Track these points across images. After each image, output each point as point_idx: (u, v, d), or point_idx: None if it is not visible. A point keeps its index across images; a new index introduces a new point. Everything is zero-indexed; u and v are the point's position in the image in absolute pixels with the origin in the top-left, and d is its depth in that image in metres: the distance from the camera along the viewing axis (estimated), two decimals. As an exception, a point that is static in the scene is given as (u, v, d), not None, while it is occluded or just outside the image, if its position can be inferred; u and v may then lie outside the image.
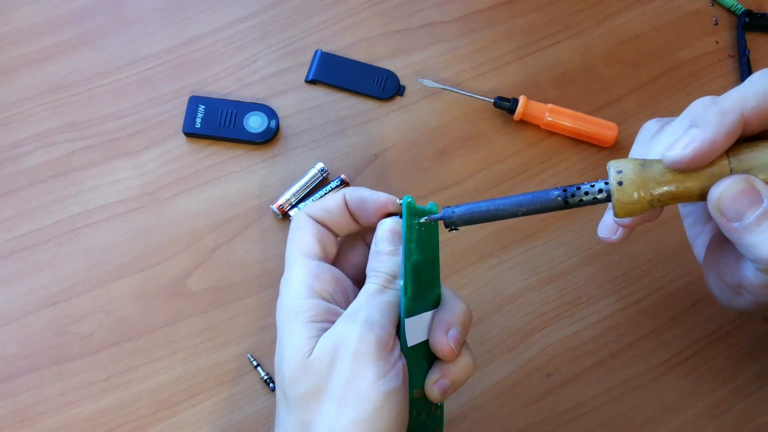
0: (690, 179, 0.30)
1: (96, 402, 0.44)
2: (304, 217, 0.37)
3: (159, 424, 0.44)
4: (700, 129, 0.30)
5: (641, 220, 0.33)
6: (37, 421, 0.43)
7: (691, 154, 0.30)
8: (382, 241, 0.35)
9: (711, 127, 0.30)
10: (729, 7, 0.58)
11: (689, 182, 0.30)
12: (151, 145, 0.50)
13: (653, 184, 0.31)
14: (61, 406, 0.44)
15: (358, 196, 0.36)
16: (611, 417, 0.45)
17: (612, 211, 0.32)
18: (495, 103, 0.52)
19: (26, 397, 0.44)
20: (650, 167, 0.31)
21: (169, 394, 0.44)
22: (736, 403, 0.46)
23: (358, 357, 0.31)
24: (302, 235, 0.36)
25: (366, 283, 0.35)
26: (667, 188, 0.31)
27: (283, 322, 0.34)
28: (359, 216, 0.37)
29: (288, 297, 0.34)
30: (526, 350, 0.47)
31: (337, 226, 0.37)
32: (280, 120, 0.51)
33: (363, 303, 0.33)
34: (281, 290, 0.35)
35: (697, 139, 0.30)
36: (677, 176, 0.30)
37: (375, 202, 0.36)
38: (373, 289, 0.34)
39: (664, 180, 0.31)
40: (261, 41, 0.54)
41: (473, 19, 0.56)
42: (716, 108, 0.30)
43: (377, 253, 0.35)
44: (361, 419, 0.31)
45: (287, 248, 0.36)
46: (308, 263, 0.35)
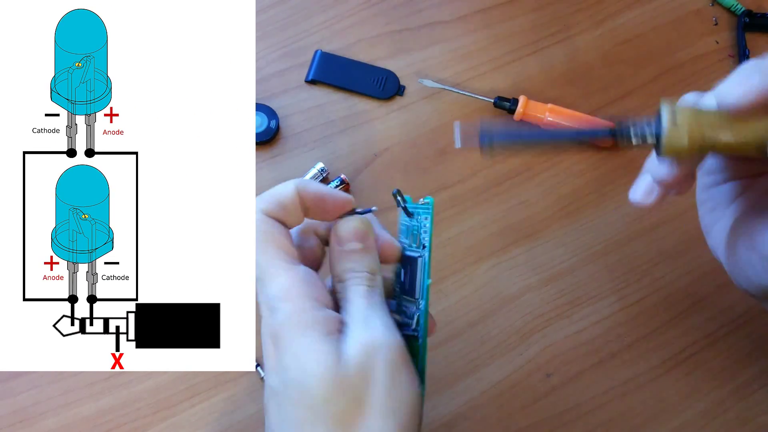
0: (748, 128, 0.30)
1: (96, 402, 0.44)
2: (266, 219, 0.34)
3: (159, 424, 0.44)
4: (764, 74, 0.29)
5: (682, 176, 0.32)
6: (37, 421, 0.43)
7: (756, 97, 0.29)
8: (349, 240, 0.34)
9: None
10: (729, 7, 0.58)
11: (746, 132, 0.30)
12: (151, 145, 0.50)
13: (708, 129, 0.30)
14: (61, 406, 0.44)
15: (316, 192, 0.34)
16: (611, 417, 0.45)
17: (655, 158, 0.31)
18: (495, 103, 0.52)
19: (26, 397, 0.44)
20: (707, 112, 0.30)
21: (169, 394, 0.44)
22: (736, 403, 0.46)
23: (394, 364, 0.31)
24: (276, 238, 0.33)
25: (351, 285, 0.34)
26: (722, 133, 0.30)
27: (291, 339, 0.32)
28: (312, 212, 0.35)
29: (293, 311, 0.32)
30: (526, 350, 0.47)
31: (288, 222, 0.35)
32: (280, 120, 0.51)
33: (367, 307, 0.33)
34: (275, 304, 0.32)
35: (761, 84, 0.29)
36: (735, 123, 0.30)
37: (335, 201, 0.35)
38: (365, 292, 0.33)
39: (720, 125, 0.30)
40: (261, 41, 0.54)
41: (473, 19, 0.56)
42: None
43: (348, 253, 0.34)
44: (404, 425, 0.31)
45: (260, 255, 0.33)
46: (296, 270, 0.33)
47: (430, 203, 0.35)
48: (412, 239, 0.35)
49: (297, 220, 0.35)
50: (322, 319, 0.32)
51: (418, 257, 0.34)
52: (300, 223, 0.35)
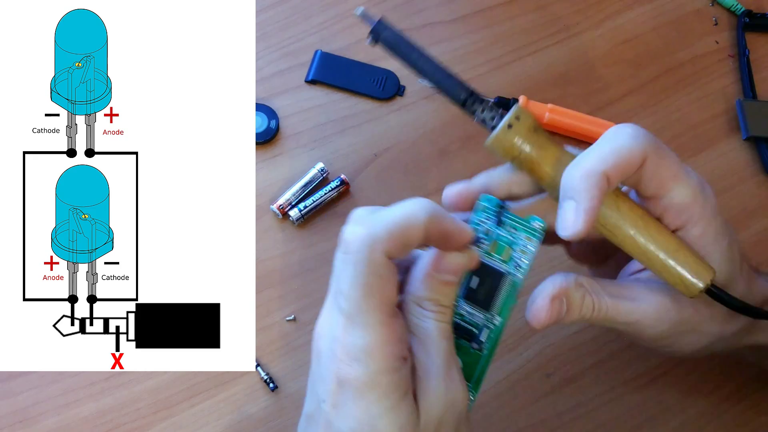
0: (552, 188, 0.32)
1: (96, 402, 0.44)
2: (385, 261, 0.29)
3: (159, 424, 0.44)
4: (577, 201, 0.30)
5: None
6: (37, 421, 0.43)
7: (584, 227, 0.30)
8: (450, 273, 0.31)
9: (584, 195, 0.30)
10: (729, 7, 0.58)
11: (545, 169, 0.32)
12: (151, 145, 0.50)
13: (531, 148, 0.32)
14: (61, 406, 0.44)
15: (443, 230, 0.30)
16: (611, 417, 0.45)
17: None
18: (495, 103, 0.52)
19: (26, 397, 0.44)
20: (544, 138, 0.32)
21: (169, 394, 0.44)
22: (736, 403, 0.46)
23: (463, 418, 0.31)
24: (385, 286, 0.29)
25: (433, 319, 0.31)
26: (533, 158, 0.32)
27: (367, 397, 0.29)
28: (429, 242, 0.31)
29: (378, 371, 0.29)
30: (526, 350, 0.47)
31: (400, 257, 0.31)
32: (280, 120, 0.51)
33: (449, 354, 0.31)
34: (361, 356, 0.29)
35: (581, 213, 0.30)
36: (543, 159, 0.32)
37: (460, 237, 0.31)
38: (447, 332, 0.31)
39: (538, 155, 0.32)
40: (261, 41, 0.54)
41: (473, 19, 0.56)
42: (580, 173, 0.31)
43: (443, 283, 0.31)
44: None
45: (365, 299, 0.29)
46: (394, 326, 0.30)
47: (539, 230, 0.33)
48: (495, 249, 0.33)
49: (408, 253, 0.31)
50: (405, 381, 0.30)
51: (506, 274, 0.33)
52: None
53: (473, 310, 0.33)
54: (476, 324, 0.33)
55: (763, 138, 0.53)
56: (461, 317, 0.33)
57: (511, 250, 0.33)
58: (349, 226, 0.30)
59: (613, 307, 0.33)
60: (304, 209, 0.48)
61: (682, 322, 0.34)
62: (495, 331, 0.33)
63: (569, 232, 0.31)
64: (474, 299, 0.33)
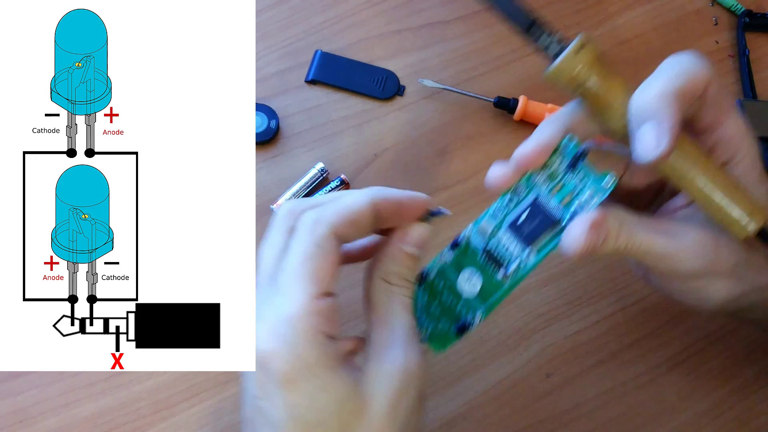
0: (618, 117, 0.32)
1: (96, 402, 0.44)
2: (329, 237, 0.29)
3: (159, 424, 0.44)
4: (658, 120, 0.30)
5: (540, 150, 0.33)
6: (37, 421, 0.43)
7: (668, 147, 0.30)
8: (415, 245, 0.32)
9: (664, 113, 0.30)
10: (729, 7, 0.58)
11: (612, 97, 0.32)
12: (151, 145, 0.50)
13: (597, 74, 0.31)
14: (61, 406, 0.44)
15: (393, 200, 0.31)
16: (611, 417, 0.45)
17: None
18: (495, 103, 0.52)
19: (26, 397, 0.44)
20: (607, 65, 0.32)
21: (169, 394, 0.44)
22: (736, 403, 0.46)
23: (422, 396, 0.31)
24: (324, 260, 0.29)
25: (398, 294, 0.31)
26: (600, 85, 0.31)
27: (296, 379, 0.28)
28: (384, 221, 0.32)
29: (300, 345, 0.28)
30: (526, 350, 0.47)
31: (352, 239, 0.31)
32: (280, 120, 0.51)
33: (410, 328, 0.31)
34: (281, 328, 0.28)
35: (664, 132, 0.30)
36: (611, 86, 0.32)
37: (413, 205, 0.32)
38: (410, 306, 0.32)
39: (605, 82, 0.31)
40: (261, 41, 0.54)
41: (473, 19, 0.56)
42: (654, 93, 0.30)
43: (408, 256, 0.32)
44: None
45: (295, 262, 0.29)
46: (323, 303, 0.29)
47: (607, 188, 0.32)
48: (559, 191, 0.32)
49: (363, 234, 0.32)
50: (333, 358, 0.29)
51: (557, 220, 0.32)
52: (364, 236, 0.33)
53: (511, 241, 0.33)
54: (509, 255, 0.33)
55: (763, 138, 0.53)
56: (498, 243, 0.33)
57: (572, 198, 0.32)
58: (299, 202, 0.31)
59: (648, 240, 0.33)
60: (304, 209, 0.48)
61: (718, 262, 0.33)
62: (524, 268, 0.33)
63: (654, 154, 0.30)
64: (517, 231, 0.33)
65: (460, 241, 0.34)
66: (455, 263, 0.34)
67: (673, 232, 0.33)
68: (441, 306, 0.34)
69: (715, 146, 0.33)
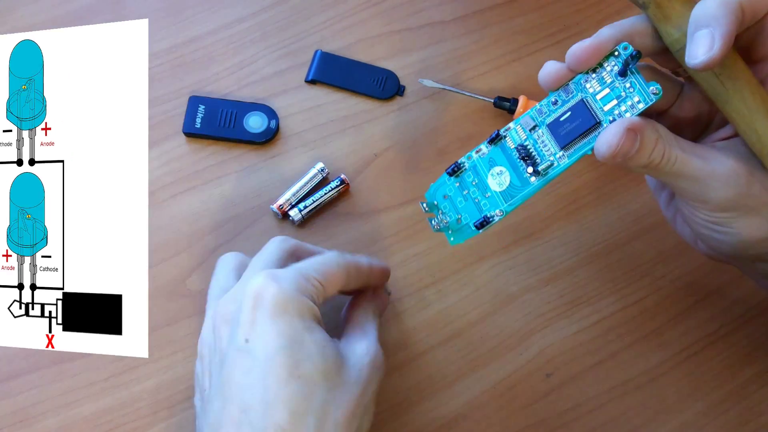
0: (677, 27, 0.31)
1: (96, 402, 0.44)
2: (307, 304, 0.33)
3: (159, 424, 0.44)
4: (713, 26, 0.30)
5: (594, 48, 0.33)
6: (37, 421, 0.43)
7: (720, 52, 0.29)
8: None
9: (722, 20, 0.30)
10: (729, 7, 0.58)
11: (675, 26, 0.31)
12: (151, 145, 0.50)
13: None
14: (61, 406, 0.44)
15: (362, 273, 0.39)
16: (611, 417, 0.45)
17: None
18: (495, 103, 0.52)
19: (26, 397, 0.44)
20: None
21: (169, 394, 0.44)
22: (736, 403, 0.46)
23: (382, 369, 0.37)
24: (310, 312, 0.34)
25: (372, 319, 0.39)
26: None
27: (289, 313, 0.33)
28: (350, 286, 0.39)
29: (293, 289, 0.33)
30: (526, 350, 0.47)
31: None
32: (280, 120, 0.51)
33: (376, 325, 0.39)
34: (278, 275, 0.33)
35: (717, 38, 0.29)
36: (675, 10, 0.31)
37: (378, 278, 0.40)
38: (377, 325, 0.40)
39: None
40: (261, 41, 0.54)
41: (473, 19, 0.56)
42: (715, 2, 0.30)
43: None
44: None
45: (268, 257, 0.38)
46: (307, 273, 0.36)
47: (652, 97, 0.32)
48: (605, 96, 0.32)
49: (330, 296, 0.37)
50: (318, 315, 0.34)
51: (598, 122, 0.32)
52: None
53: (549, 139, 0.33)
54: (543, 154, 0.33)
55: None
56: (536, 140, 0.33)
57: (618, 103, 0.32)
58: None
59: (683, 160, 0.32)
60: (304, 209, 0.48)
61: (750, 195, 0.32)
62: (556, 169, 0.32)
63: (704, 58, 0.30)
64: (557, 130, 0.33)
65: (501, 134, 0.34)
66: (490, 158, 0.34)
67: (710, 158, 0.32)
68: (467, 198, 0.34)
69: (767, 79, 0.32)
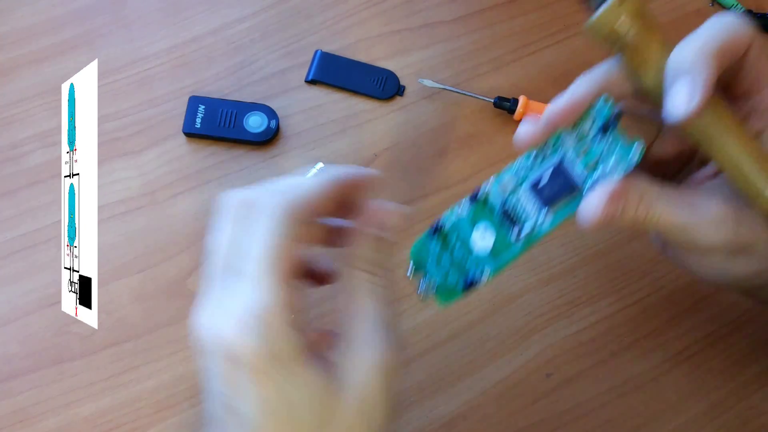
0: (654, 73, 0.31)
1: (96, 402, 0.44)
2: (293, 221, 0.27)
3: (159, 424, 0.44)
4: (692, 75, 0.29)
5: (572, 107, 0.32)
6: (37, 421, 0.43)
7: (700, 103, 0.29)
8: (387, 228, 0.30)
9: (700, 68, 0.29)
10: (729, 8, 0.58)
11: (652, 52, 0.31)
12: (152, 145, 0.50)
13: (639, 28, 0.30)
14: (61, 406, 0.44)
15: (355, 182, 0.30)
16: (611, 417, 0.45)
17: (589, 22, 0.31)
18: (495, 103, 0.52)
19: (26, 397, 0.44)
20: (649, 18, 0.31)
21: (169, 394, 0.44)
22: (736, 403, 0.46)
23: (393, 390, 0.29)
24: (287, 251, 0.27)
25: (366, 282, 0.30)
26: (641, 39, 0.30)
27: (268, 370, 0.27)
28: (346, 201, 0.31)
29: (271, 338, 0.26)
30: (526, 350, 0.47)
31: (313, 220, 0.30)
32: (280, 120, 0.51)
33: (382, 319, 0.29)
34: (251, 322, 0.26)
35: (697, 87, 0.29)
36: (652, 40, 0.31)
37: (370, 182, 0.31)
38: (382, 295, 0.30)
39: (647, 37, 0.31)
40: (261, 41, 0.54)
41: (473, 19, 0.56)
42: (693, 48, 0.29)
43: (381, 242, 0.30)
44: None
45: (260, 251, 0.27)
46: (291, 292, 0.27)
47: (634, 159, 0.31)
48: (585, 154, 0.32)
49: (326, 216, 0.31)
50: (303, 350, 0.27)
51: (578, 186, 0.32)
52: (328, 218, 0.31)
53: (530, 201, 0.32)
54: (526, 215, 0.32)
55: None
56: (517, 201, 0.32)
57: (597, 164, 0.31)
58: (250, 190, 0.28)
59: (668, 212, 0.32)
60: (304, 209, 0.48)
61: (737, 238, 0.32)
62: (539, 230, 0.32)
63: (685, 110, 0.29)
64: (537, 191, 0.32)
65: (479, 195, 0.33)
66: (471, 217, 0.33)
67: (695, 205, 0.32)
68: (452, 259, 0.33)
69: (750, 113, 0.32)
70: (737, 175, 0.31)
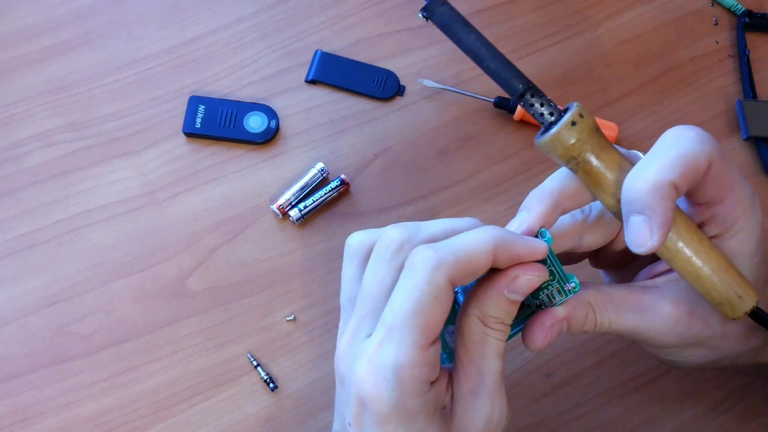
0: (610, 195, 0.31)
1: (96, 402, 0.44)
2: (446, 286, 0.28)
3: (159, 424, 0.44)
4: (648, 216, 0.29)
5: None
6: (37, 421, 0.43)
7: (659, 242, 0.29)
8: (520, 294, 0.30)
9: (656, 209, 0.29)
10: (729, 7, 0.58)
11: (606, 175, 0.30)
12: (152, 145, 0.50)
13: (592, 149, 0.30)
14: (61, 406, 0.44)
15: (513, 255, 0.30)
16: (611, 417, 0.45)
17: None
18: (495, 103, 0.52)
19: (26, 397, 0.44)
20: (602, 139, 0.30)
21: (169, 394, 0.44)
22: (736, 403, 0.46)
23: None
24: (437, 310, 0.28)
25: (493, 338, 0.30)
26: (594, 161, 0.30)
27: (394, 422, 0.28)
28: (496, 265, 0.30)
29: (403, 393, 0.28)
30: (526, 350, 0.46)
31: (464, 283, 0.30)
32: (280, 120, 0.51)
33: (499, 374, 0.31)
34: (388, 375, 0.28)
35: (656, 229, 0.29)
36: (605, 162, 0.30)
37: (532, 256, 0.30)
38: (502, 351, 0.31)
39: (600, 159, 0.30)
40: (261, 41, 0.54)
41: (473, 19, 0.56)
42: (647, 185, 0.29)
43: (508, 302, 0.30)
44: None
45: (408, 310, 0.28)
46: (430, 351, 0.28)
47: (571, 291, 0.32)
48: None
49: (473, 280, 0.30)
50: (431, 404, 0.29)
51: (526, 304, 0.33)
52: None
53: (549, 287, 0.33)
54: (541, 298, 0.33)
55: (763, 138, 0.53)
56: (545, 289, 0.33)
57: (540, 292, 0.32)
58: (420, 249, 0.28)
59: (617, 321, 0.33)
60: (304, 209, 0.48)
61: (690, 336, 0.33)
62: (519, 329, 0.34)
63: (645, 249, 0.29)
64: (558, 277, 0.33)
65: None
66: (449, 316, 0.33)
67: (647, 307, 0.33)
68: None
69: (711, 219, 0.32)
70: (698, 287, 0.31)
